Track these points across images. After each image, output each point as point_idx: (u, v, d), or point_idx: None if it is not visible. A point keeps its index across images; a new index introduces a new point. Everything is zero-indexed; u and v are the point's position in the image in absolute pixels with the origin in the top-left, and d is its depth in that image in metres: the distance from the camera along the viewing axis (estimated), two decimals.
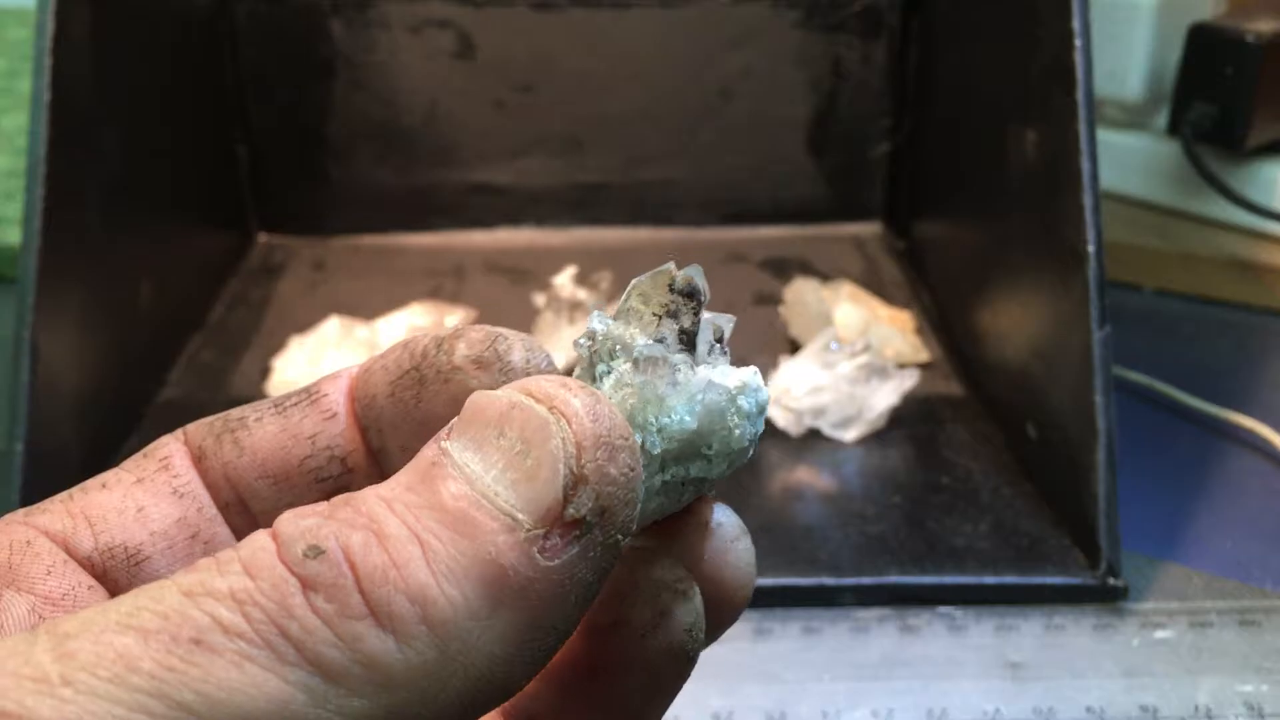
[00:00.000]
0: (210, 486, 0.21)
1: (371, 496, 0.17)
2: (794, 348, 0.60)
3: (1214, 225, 0.71)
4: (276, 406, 0.21)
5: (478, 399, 0.18)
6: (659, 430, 0.19)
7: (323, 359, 0.57)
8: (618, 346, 0.20)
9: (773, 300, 0.65)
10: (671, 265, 0.20)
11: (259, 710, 0.15)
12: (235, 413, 0.22)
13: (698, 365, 0.20)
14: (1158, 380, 0.58)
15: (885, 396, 0.53)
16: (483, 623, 0.16)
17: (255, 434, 0.21)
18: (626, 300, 0.20)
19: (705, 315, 0.20)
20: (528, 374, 0.20)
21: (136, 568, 0.20)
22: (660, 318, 0.20)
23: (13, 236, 0.68)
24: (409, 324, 0.61)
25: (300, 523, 0.16)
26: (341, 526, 0.16)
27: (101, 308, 0.53)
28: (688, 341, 0.20)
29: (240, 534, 0.22)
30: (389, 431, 0.21)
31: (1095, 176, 0.45)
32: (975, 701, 0.40)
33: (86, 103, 0.51)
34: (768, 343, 0.62)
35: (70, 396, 0.49)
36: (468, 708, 0.16)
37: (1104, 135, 0.61)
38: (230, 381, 0.60)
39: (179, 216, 0.65)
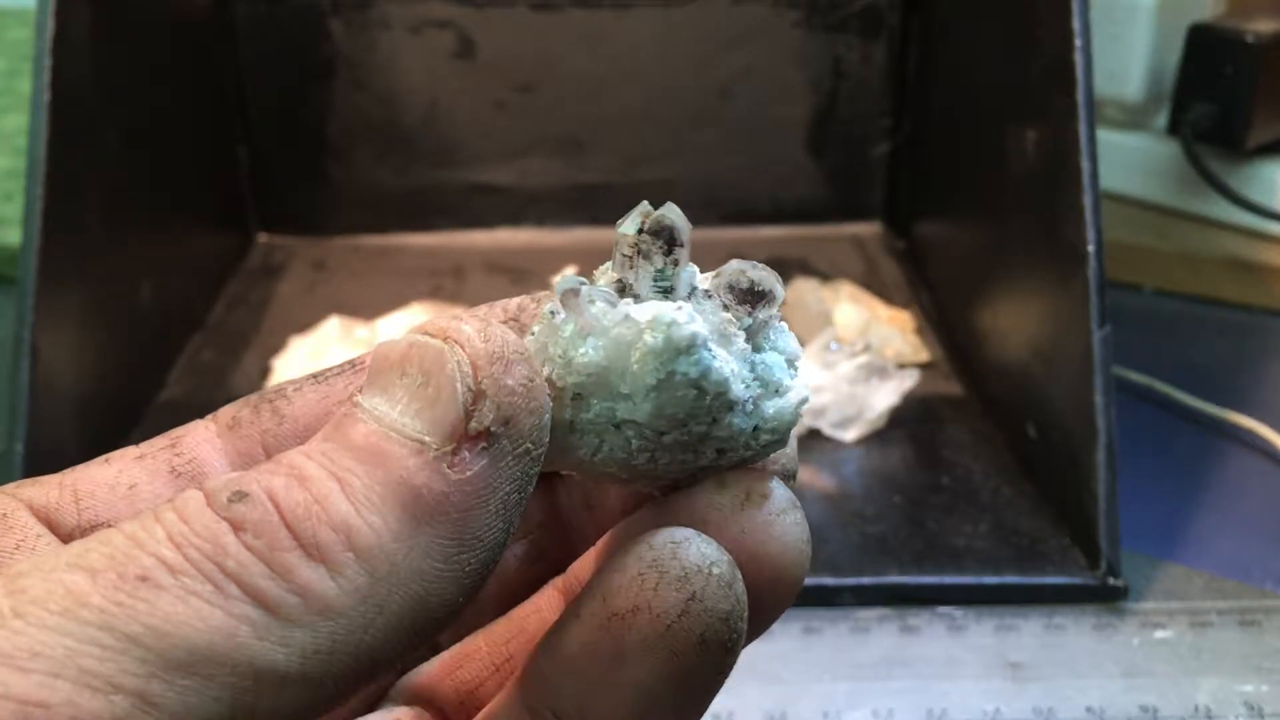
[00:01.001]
0: (242, 455, 0.21)
1: (290, 450, 0.17)
2: None
3: (1214, 225, 0.71)
4: (316, 378, 0.21)
5: (380, 348, 0.18)
6: (567, 362, 0.19)
7: (323, 359, 0.57)
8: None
9: None
10: (645, 204, 0.20)
11: (205, 642, 0.15)
12: (272, 388, 0.21)
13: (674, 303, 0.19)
14: (1158, 380, 0.58)
15: (885, 396, 0.53)
16: (407, 543, 0.16)
17: (296, 403, 0.21)
18: (615, 250, 0.20)
19: (695, 268, 0.20)
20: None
21: None
22: (630, 258, 0.19)
23: (13, 236, 0.68)
24: (409, 324, 0.61)
25: (224, 475, 0.17)
26: (262, 474, 0.17)
27: (101, 308, 0.53)
28: (666, 283, 0.19)
29: None
30: None
31: (1095, 176, 0.45)
32: (975, 701, 0.40)
33: (86, 103, 0.51)
34: None
35: (70, 396, 0.49)
36: (409, 630, 0.17)
37: (1104, 135, 0.61)
38: (230, 381, 0.60)
39: (179, 216, 0.65)
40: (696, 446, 0.19)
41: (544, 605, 0.24)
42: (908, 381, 0.54)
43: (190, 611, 0.15)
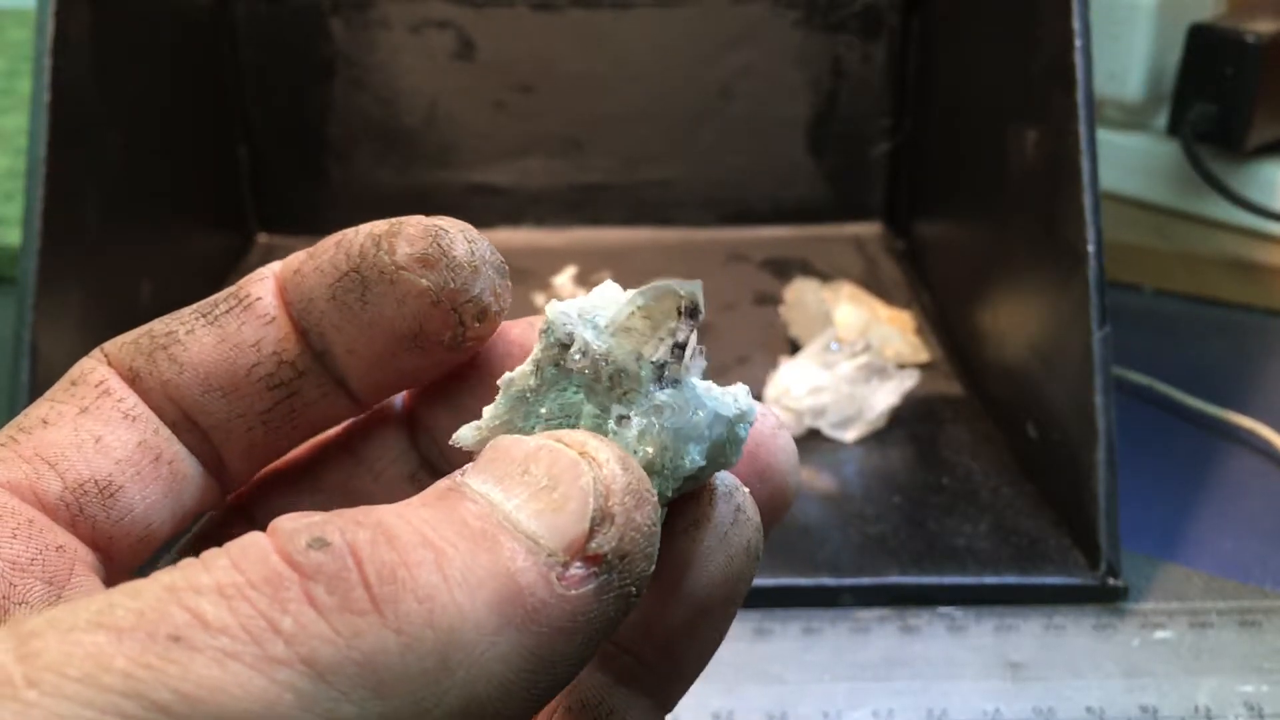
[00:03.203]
0: (152, 408, 0.20)
1: (381, 508, 0.16)
2: (794, 348, 0.60)
3: (1214, 225, 0.71)
4: (204, 316, 0.20)
5: (503, 441, 0.17)
6: (673, 474, 0.19)
7: None
8: (620, 373, 0.19)
9: (773, 300, 0.65)
10: (675, 284, 0.19)
11: (241, 711, 0.14)
12: (158, 326, 0.20)
13: (687, 377, 0.19)
14: (1158, 380, 0.58)
15: (885, 396, 0.53)
16: (488, 638, 0.15)
17: (192, 349, 0.20)
18: (628, 318, 0.20)
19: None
20: (474, 268, 0.20)
21: (111, 499, 0.20)
22: (663, 340, 0.19)
23: (13, 236, 0.68)
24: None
25: (302, 519, 0.15)
26: (347, 523, 0.15)
27: (101, 308, 0.53)
28: (679, 355, 0.20)
29: (196, 452, 0.21)
30: (332, 334, 0.20)
31: (1095, 176, 0.45)
32: (975, 701, 0.40)
33: (86, 103, 0.51)
34: (768, 343, 0.62)
35: None
36: None
37: (1104, 135, 0.61)
38: None
39: (179, 216, 0.65)
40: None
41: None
42: (908, 381, 0.54)
43: (227, 677, 0.14)
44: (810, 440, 0.53)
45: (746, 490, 0.21)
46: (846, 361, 0.53)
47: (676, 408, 0.19)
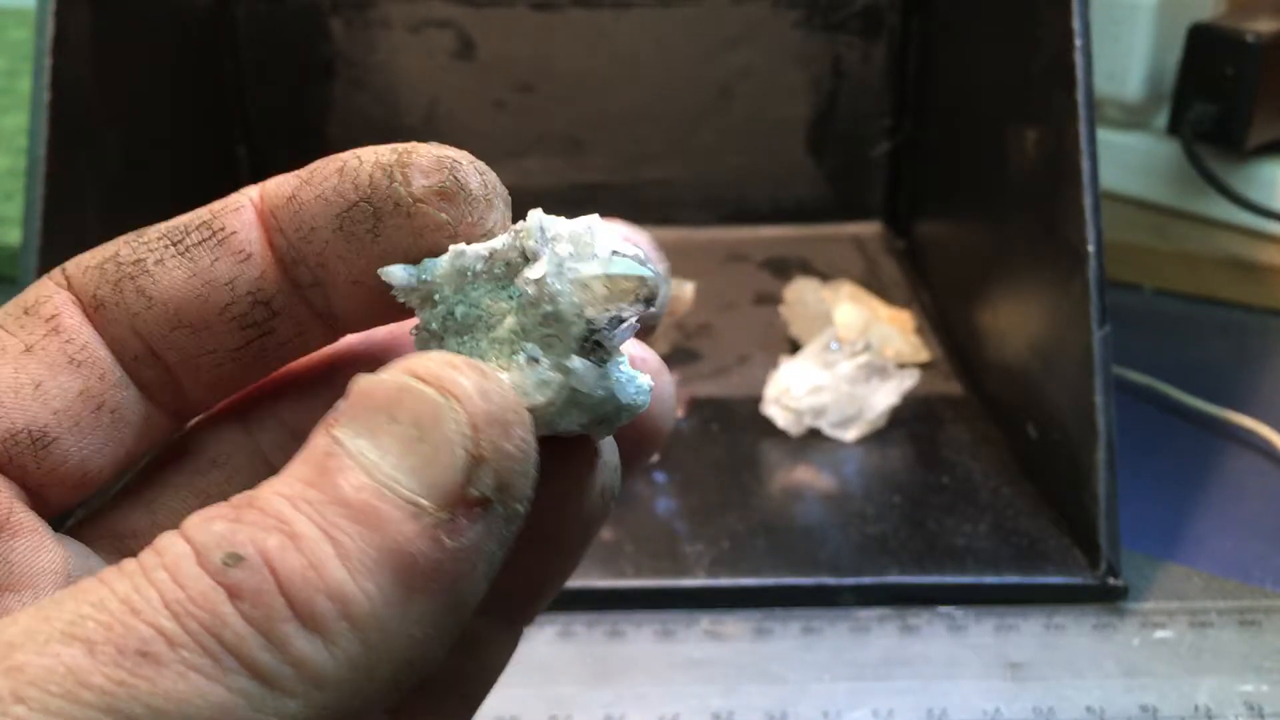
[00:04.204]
0: (113, 340, 0.20)
1: (274, 496, 0.16)
2: (794, 348, 0.60)
3: (1214, 225, 0.71)
4: (175, 245, 0.20)
5: (362, 383, 0.17)
6: (545, 425, 0.19)
7: None
8: (556, 317, 0.19)
9: (773, 300, 0.65)
10: (647, 271, 0.19)
11: (204, 719, 0.15)
12: (126, 252, 0.20)
13: (611, 358, 0.20)
14: (1158, 380, 0.58)
15: (885, 396, 0.53)
16: (399, 610, 0.16)
17: (162, 282, 0.19)
18: (591, 277, 0.19)
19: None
20: (488, 201, 0.20)
21: (45, 451, 0.19)
22: (608, 312, 0.19)
23: (13, 236, 0.68)
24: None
25: (211, 528, 0.16)
26: (253, 529, 0.16)
27: None
28: (613, 330, 0.20)
29: (154, 388, 0.20)
30: (336, 265, 0.20)
31: (1095, 176, 0.45)
32: (975, 701, 0.40)
33: (86, 103, 0.51)
34: (768, 342, 0.62)
35: None
36: (393, 690, 0.17)
37: (1104, 135, 0.61)
38: None
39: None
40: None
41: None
42: (908, 381, 0.54)
43: (191, 689, 0.15)
44: (810, 440, 0.53)
45: (611, 462, 0.21)
46: (846, 361, 0.53)
47: (585, 379, 0.19)
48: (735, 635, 0.43)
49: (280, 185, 0.20)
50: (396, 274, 0.20)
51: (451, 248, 0.20)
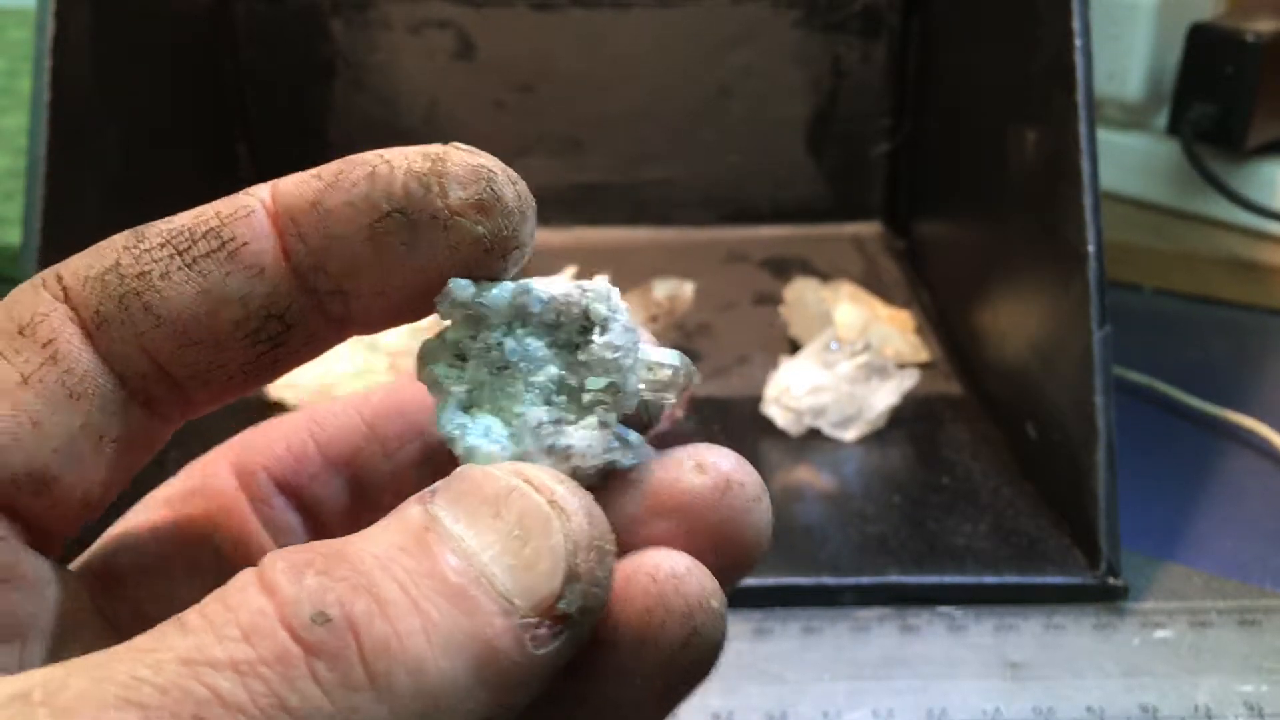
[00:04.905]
0: (118, 359, 0.19)
1: (367, 555, 0.16)
2: (794, 348, 0.60)
3: (1214, 225, 0.71)
4: (181, 256, 0.19)
5: (470, 472, 0.18)
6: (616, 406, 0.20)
7: (324, 360, 0.57)
8: (614, 390, 0.20)
9: (773, 300, 0.65)
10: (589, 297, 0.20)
11: None
12: (128, 262, 0.19)
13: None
14: (1158, 380, 0.58)
15: (885, 396, 0.53)
16: (464, 696, 0.16)
17: (170, 300, 0.19)
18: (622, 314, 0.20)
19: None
20: (522, 213, 0.19)
21: (45, 488, 0.18)
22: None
23: (13, 236, 0.68)
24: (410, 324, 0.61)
25: (303, 582, 0.16)
26: (344, 590, 0.16)
27: None
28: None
29: (158, 403, 0.20)
30: (365, 273, 0.19)
31: (1095, 176, 0.45)
32: (975, 701, 0.40)
33: (86, 103, 0.51)
34: (768, 342, 0.62)
35: None
36: None
37: (1104, 135, 0.61)
38: None
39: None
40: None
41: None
42: (908, 381, 0.54)
43: None
44: (810, 440, 0.53)
45: (719, 606, 0.19)
46: (846, 361, 0.53)
47: (638, 452, 0.20)
48: (735, 635, 0.43)
49: (299, 188, 0.19)
50: (461, 289, 0.19)
51: (516, 283, 0.20)
